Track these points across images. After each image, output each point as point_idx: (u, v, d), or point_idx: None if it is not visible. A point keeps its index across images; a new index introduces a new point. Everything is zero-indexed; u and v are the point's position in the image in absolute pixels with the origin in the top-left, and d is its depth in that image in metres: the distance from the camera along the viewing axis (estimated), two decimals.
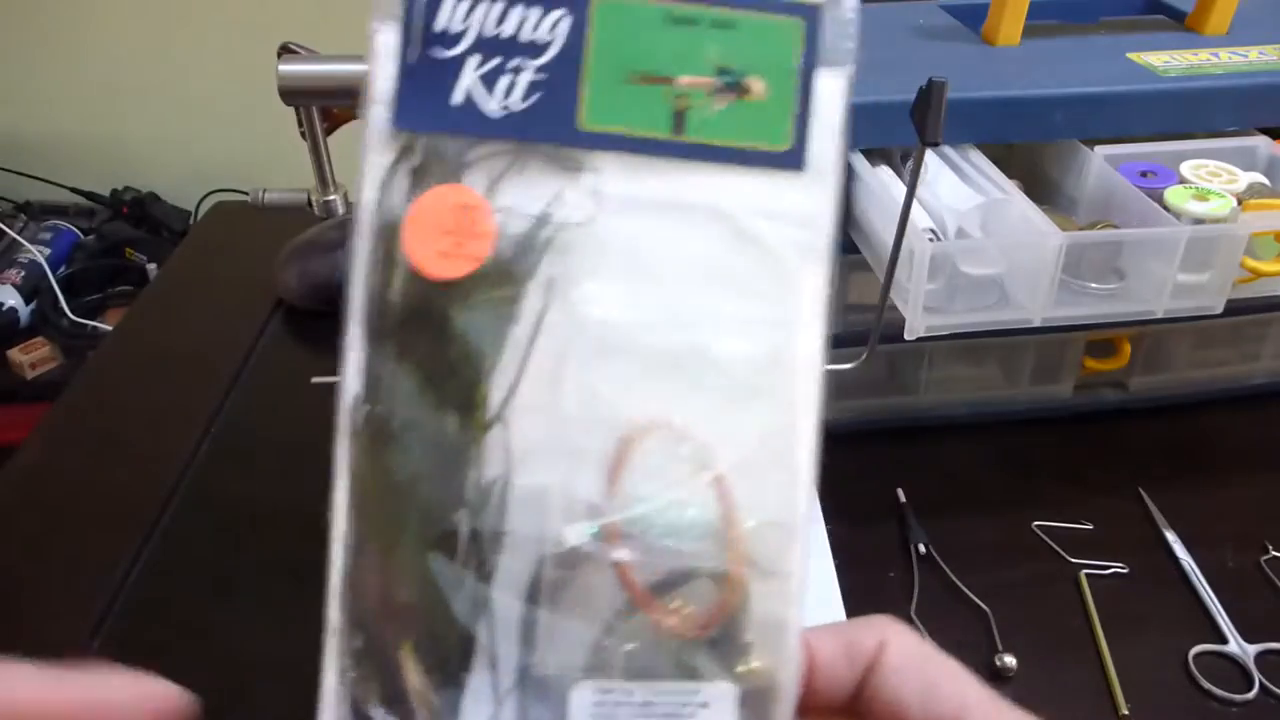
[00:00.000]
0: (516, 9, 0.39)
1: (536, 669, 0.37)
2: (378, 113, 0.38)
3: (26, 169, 1.90)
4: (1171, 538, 0.68)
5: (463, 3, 0.39)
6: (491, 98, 0.39)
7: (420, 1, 0.38)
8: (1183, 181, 0.66)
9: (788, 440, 0.39)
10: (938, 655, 0.31)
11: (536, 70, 0.39)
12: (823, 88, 0.39)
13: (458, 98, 0.39)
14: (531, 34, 0.39)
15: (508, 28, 0.39)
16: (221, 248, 1.04)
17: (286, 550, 0.67)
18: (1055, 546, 0.67)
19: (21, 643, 0.63)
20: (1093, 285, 0.64)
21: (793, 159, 0.39)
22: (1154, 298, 0.63)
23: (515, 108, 0.39)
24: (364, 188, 0.39)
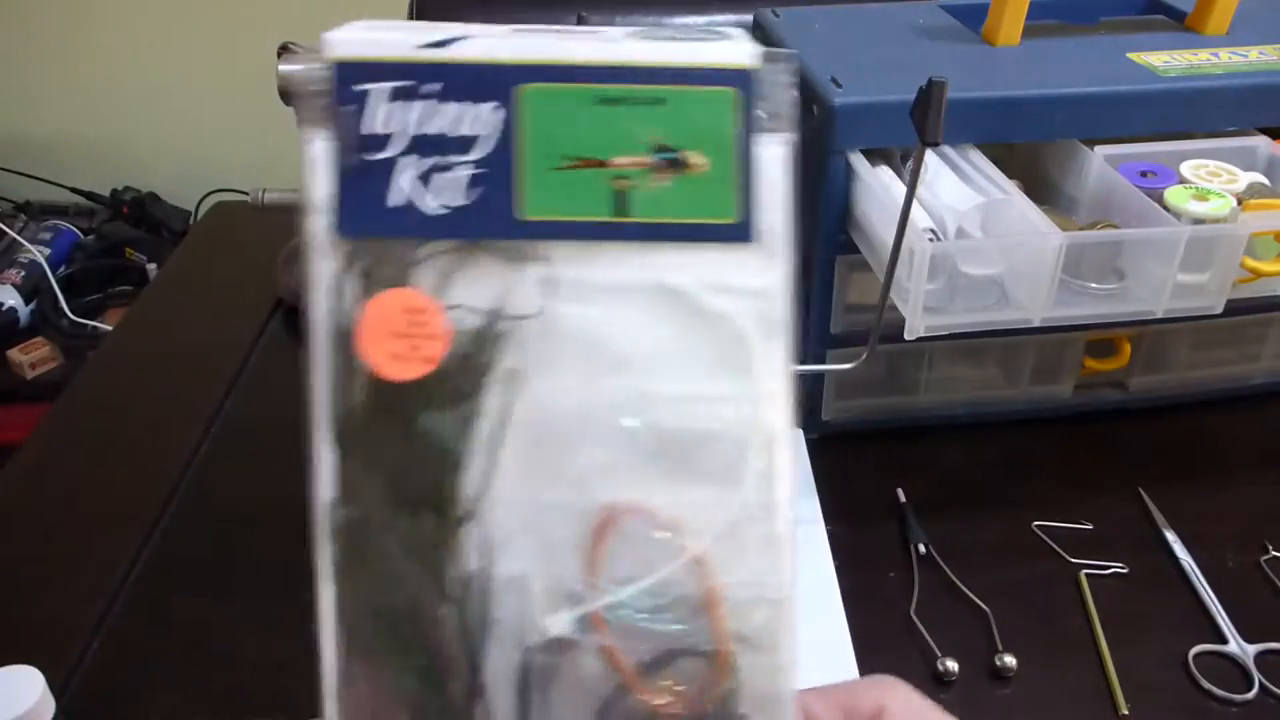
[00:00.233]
0: (445, 106, 0.38)
1: None
2: (319, 220, 0.38)
3: (26, 169, 1.90)
4: (1171, 538, 0.68)
5: (389, 104, 0.38)
6: (429, 196, 0.38)
7: (347, 108, 0.38)
8: (1183, 181, 0.66)
9: (765, 513, 0.39)
10: (937, 714, 0.31)
11: (471, 165, 0.38)
12: (764, 155, 0.39)
13: (395, 199, 0.38)
14: (462, 129, 0.38)
15: (437, 125, 0.38)
16: (221, 248, 1.04)
17: (286, 550, 0.67)
18: (1055, 546, 0.67)
19: (22, 642, 0.63)
20: (1093, 285, 0.64)
21: (741, 231, 0.39)
22: (1154, 298, 0.63)
23: (454, 204, 0.38)
24: (314, 296, 0.39)
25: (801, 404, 0.66)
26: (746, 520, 0.39)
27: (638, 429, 0.39)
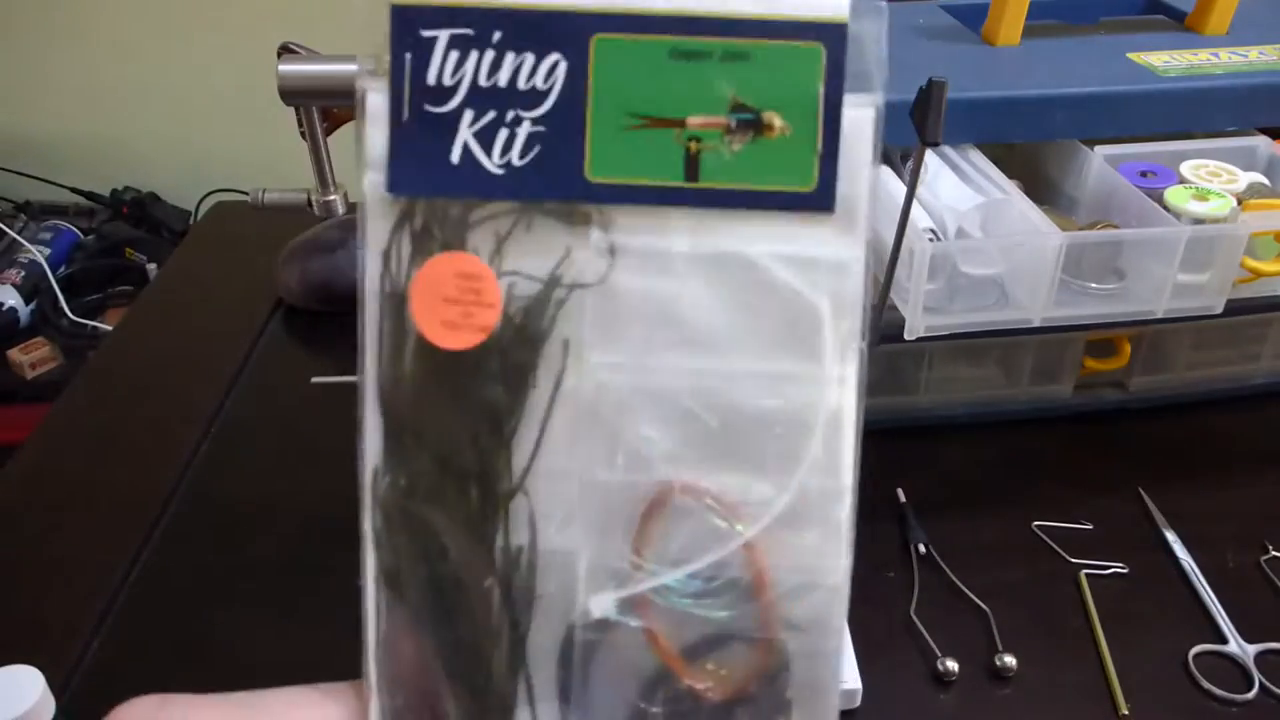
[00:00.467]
0: (509, 56, 0.36)
1: None
2: (373, 179, 0.36)
3: (26, 169, 1.90)
4: (1171, 538, 0.68)
5: (452, 54, 0.36)
6: (490, 154, 0.36)
7: (408, 55, 0.36)
8: (1183, 181, 0.66)
9: (823, 499, 0.38)
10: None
11: (535, 121, 0.36)
12: (850, 119, 0.36)
13: (455, 157, 0.36)
14: (528, 82, 0.36)
15: (502, 77, 0.36)
16: (221, 248, 1.04)
17: (286, 550, 0.67)
18: (1055, 546, 0.67)
19: (22, 642, 0.63)
20: (1093, 285, 0.64)
21: (820, 199, 0.37)
22: (1154, 298, 0.63)
23: (516, 163, 0.36)
24: (366, 257, 0.37)
25: None
26: (804, 506, 0.37)
27: (697, 407, 0.38)
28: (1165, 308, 0.63)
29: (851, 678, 0.56)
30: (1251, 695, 0.58)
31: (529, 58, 0.36)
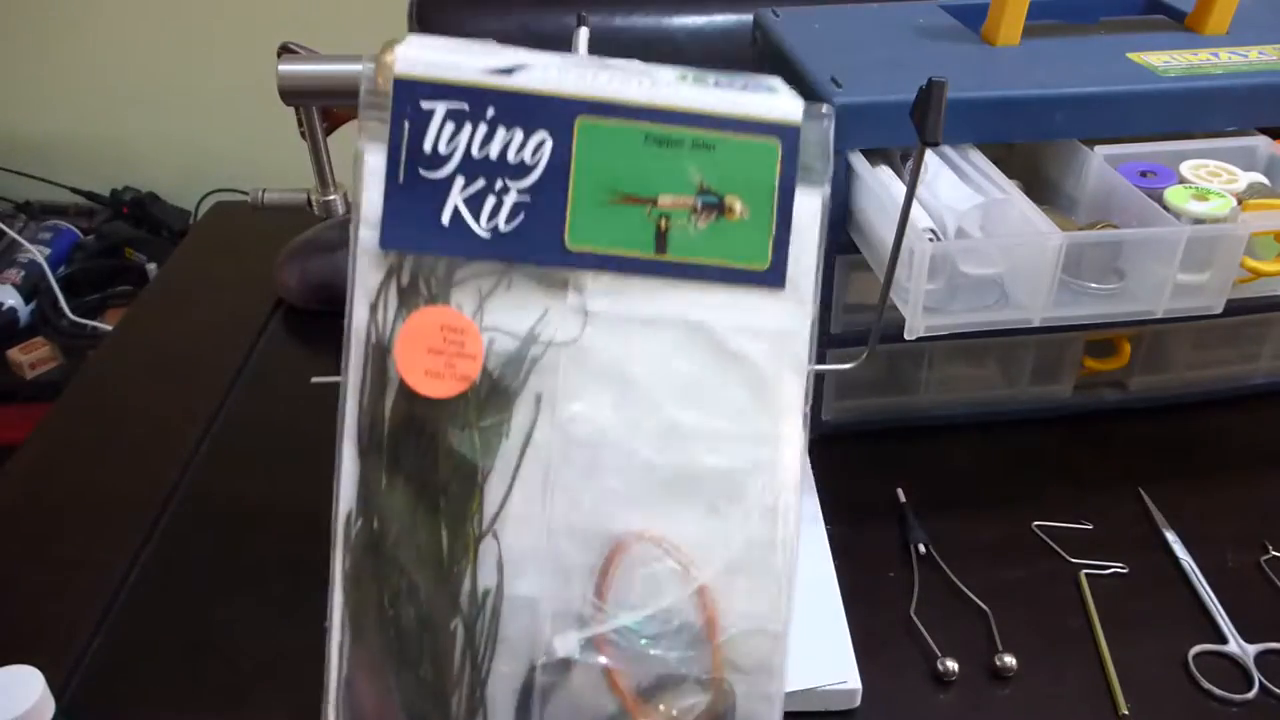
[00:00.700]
0: (500, 131, 0.39)
1: None
2: (365, 234, 0.39)
3: (26, 169, 1.90)
4: (1171, 538, 0.68)
5: (448, 125, 0.39)
6: (479, 219, 0.39)
7: (407, 124, 0.39)
8: (1183, 181, 0.66)
9: (768, 550, 0.40)
10: None
11: (521, 191, 0.39)
12: (801, 206, 0.40)
13: (445, 218, 0.39)
14: (516, 156, 0.39)
15: (493, 150, 0.39)
16: (221, 248, 1.04)
17: (286, 550, 0.67)
18: (1055, 546, 0.67)
19: (22, 642, 0.63)
20: (1093, 285, 0.64)
21: (773, 277, 0.40)
22: (1154, 298, 0.63)
23: (502, 228, 0.39)
24: (355, 307, 0.40)
25: None
26: (751, 555, 0.40)
27: (656, 460, 0.40)
28: (1165, 308, 0.63)
29: (851, 678, 0.56)
30: (1251, 695, 0.58)
31: (519, 134, 0.39)
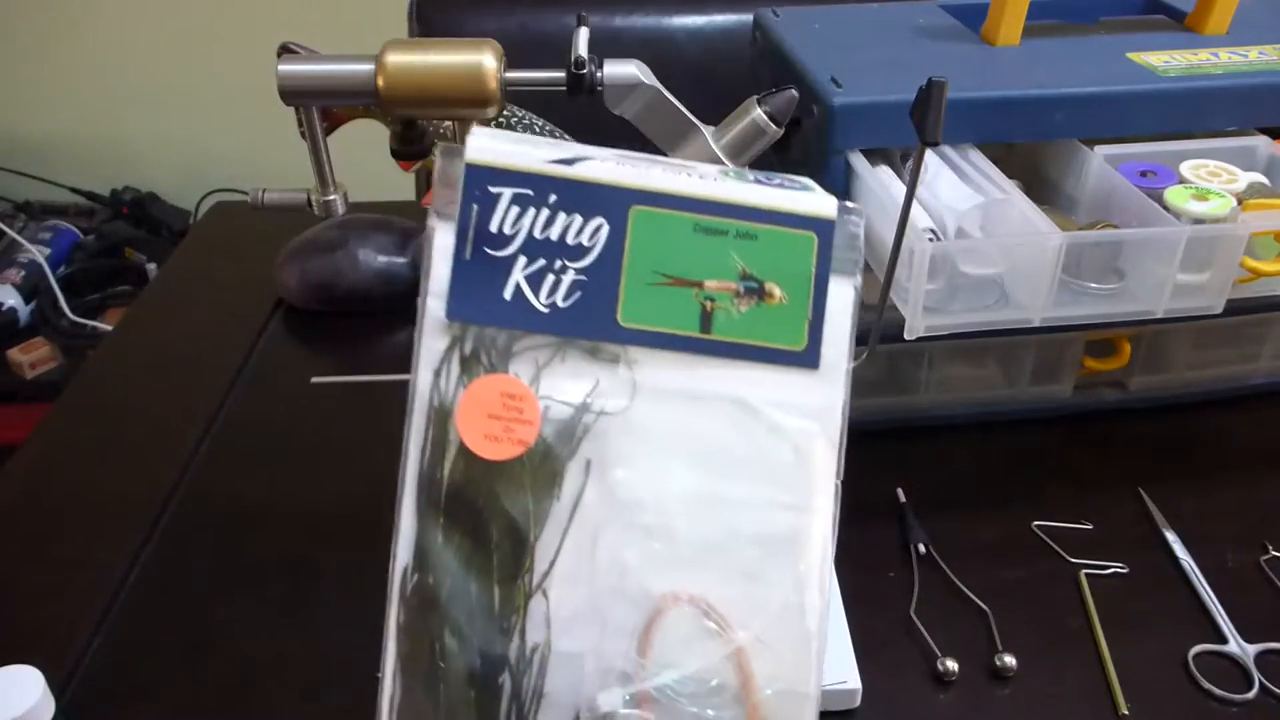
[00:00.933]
0: (561, 216, 0.42)
1: None
2: (433, 304, 0.42)
3: (26, 169, 1.90)
4: (1171, 538, 0.68)
5: (513, 208, 0.42)
6: (538, 295, 0.42)
7: (475, 207, 0.42)
8: (1183, 181, 0.66)
9: (801, 615, 0.42)
10: None
11: (579, 271, 0.42)
12: (834, 294, 0.43)
13: (507, 294, 0.42)
14: (575, 238, 0.42)
15: (554, 232, 0.42)
16: (221, 248, 1.04)
17: (286, 550, 0.67)
18: (1055, 546, 0.67)
19: (22, 642, 0.63)
20: (1093, 285, 0.64)
21: (808, 358, 0.43)
22: (1154, 298, 0.63)
23: (560, 304, 0.42)
24: (419, 372, 0.42)
25: None
26: (785, 619, 0.42)
27: (697, 525, 0.42)
28: (1165, 308, 0.63)
29: (851, 678, 0.56)
30: (1251, 695, 0.58)
31: (578, 219, 0.42)
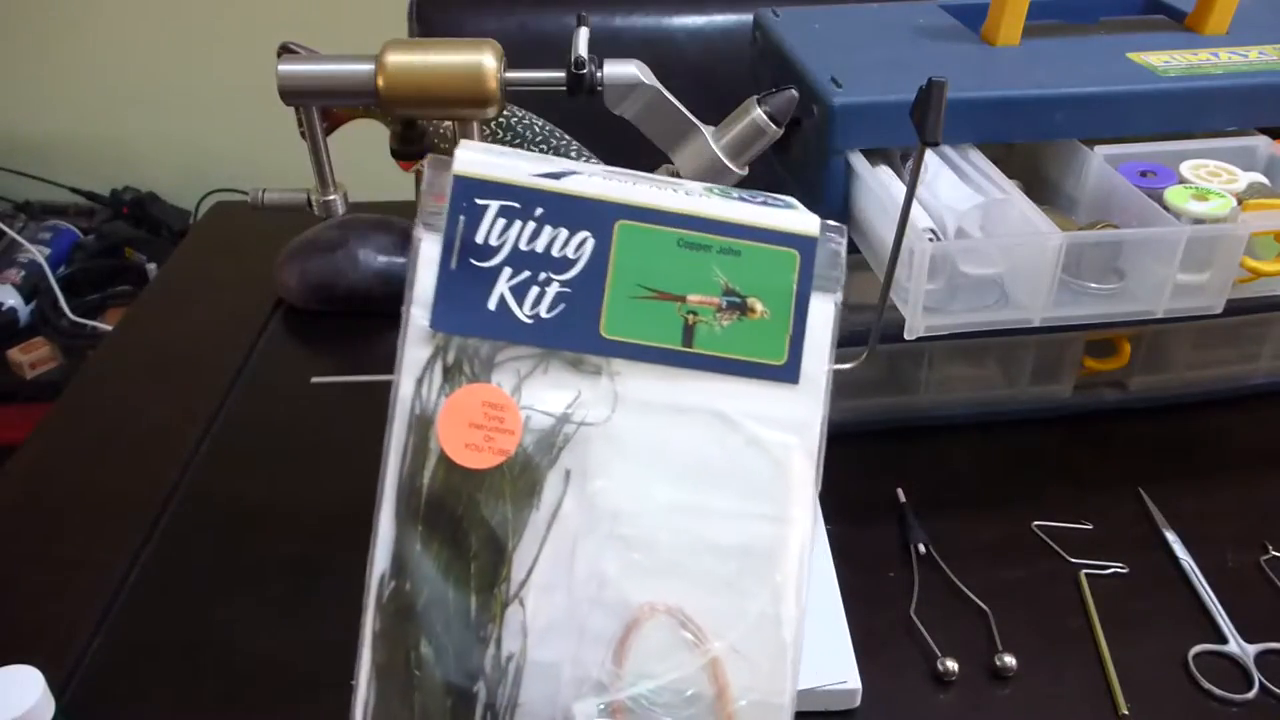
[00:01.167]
0: (547, 229, 0.43)
1: None
2: (417, 313, 0.42)
3: (26, 169, 1.90)
4: (1171, 538, 0.68)
5: (500, 220, 0.42)
6: (522, 306, 0.43)
7: (461, 218, 0.42)
8: (1183, 181, 0.66)
9: (777, 625, 0.42)
10: None
11: (563, 284, 0.43)
12: (815, 310, 0.44)
13: (492, 304, 0.42)
14: (560, 251, 0.43)
15: (539, 245, 0.43)
16: (221, 248, 1.04)
17: (286, 550, 0.67)
18: (1055, 546, 0.67)
19: (22, 642, 0.63)
20: (1093, 285, 0.64)
21: (788, 372, 0.44)
22: (1154, 298, 0.63)
23: (544, 316, 0.43)
24: (401, 380, 0.43)
25: None
26: (761, 629, 0.42)
27: (676, 536, 0.43)
28: (1165, 308, 0.63)
29: (851, 678, 0.56)
30: (1251, 695, 0.58)
31: (563, 232, 0.43)
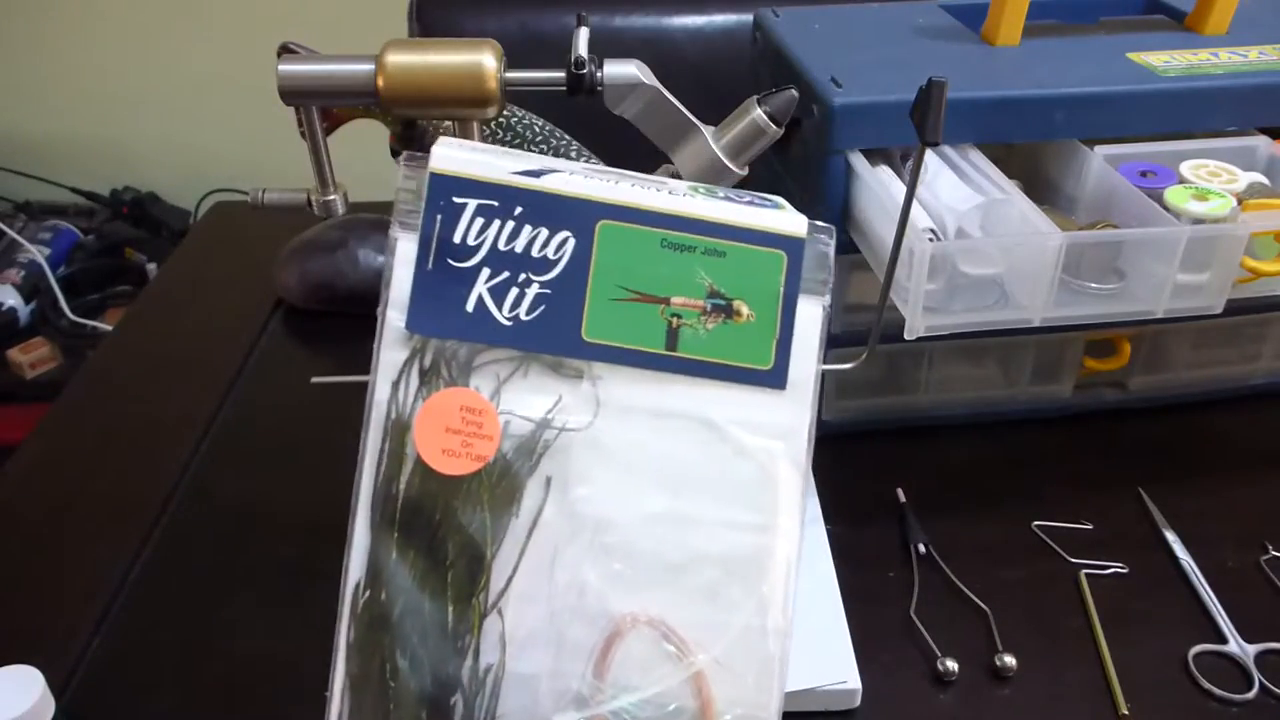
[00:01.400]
0: (526, 228, 0.42)
1: None
2: (393, 315, 0.41)
3: (26, 169, 1.90)
4: (1171, 538, 0.68)
5: (478, 219, 0.41)
6: (501, 308, 0.41)
7: (438, 217, 0.41)
8: (1183, 181, 0.66)
9: (763, 638, 0.42)
10: None
11: (543, 285, 0.42)
12: (803, 313, 0.43)
13: (470, 306, 0.41)
14: (540, 251, 0.42)
15: (519, 245, 0.42)
16: (221, 248, 1.04)
17: (286, 550, 0.67)
18: (1055, 546, 0.67)
19: (22, 642, 0.63)
20: (1093, 285, 0.64)
21: (775, 378, 0.43)
22: (1154, 298, 0.63)
23: (523, 318, 0.42)
24: (376, 384, 0.42)
25: None
26: (746, 642, 0.41)
27: (659, 545, 0.42)
28: (1165, 308, 0.63)
29: (851, 678, 0.56)
30: (1251, 695, 0.58)
31: (544, 232, 0.42)
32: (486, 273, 0.41)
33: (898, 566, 0.66)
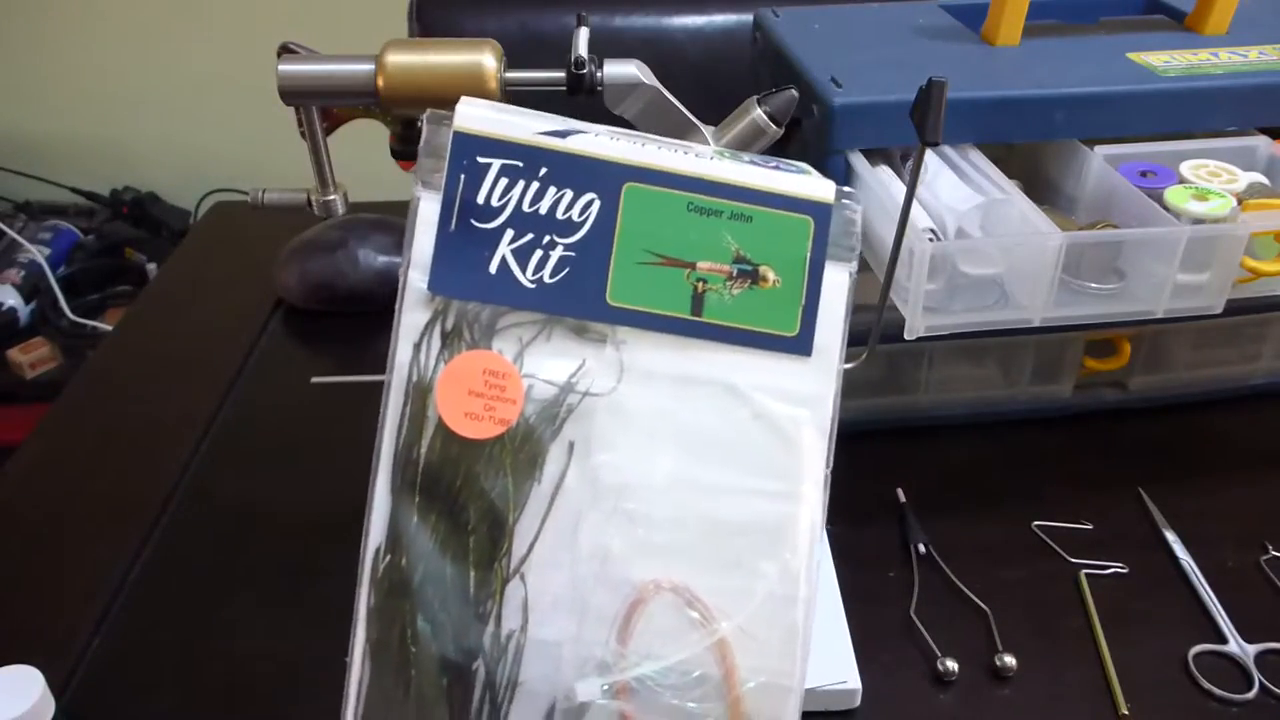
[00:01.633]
0: (551, 189, 0.41)
1: None
2: (415, 276, 0.41)
3: (26, 169, 1.90)
4: (1171, 538, 0.68)
5: (501, 180, 0.41)
6: (525, 270, 0.41)
7: (462, 177, 0.40)
8: (1183, 181, 0.66)
9: (787, 606, 0.41)
10: None
11: (568, 248, 0.41)
12: (829, 280, 0.43)
13: (493, 268, 0.41)
14: (565, 213, 0.41)
15: (543, 206, 0.41)
16: (221, 248, 1.04)
17: (286, 550, 0.67)
18: (1055, 546, 0.67)
19: (22, 642, 0.63)
20: (1093, 285, 0.64)
21: (801, 344, 0.42)
22: (1154, 298, 0.63)
23: (547, 281, 0.41)
24: (398, 346, 0.41)
25: None
26: (770, 610, 0.41)
27: (683, 511, 0.41)
28: (1165, 308, 0.63)
29: (851, 678, 0.56)
30: (1251, 695, 0.58)
31: (569, 193, 0.41)
32: (510, 234, 0.40)
33: (898, 566, 0.66)
